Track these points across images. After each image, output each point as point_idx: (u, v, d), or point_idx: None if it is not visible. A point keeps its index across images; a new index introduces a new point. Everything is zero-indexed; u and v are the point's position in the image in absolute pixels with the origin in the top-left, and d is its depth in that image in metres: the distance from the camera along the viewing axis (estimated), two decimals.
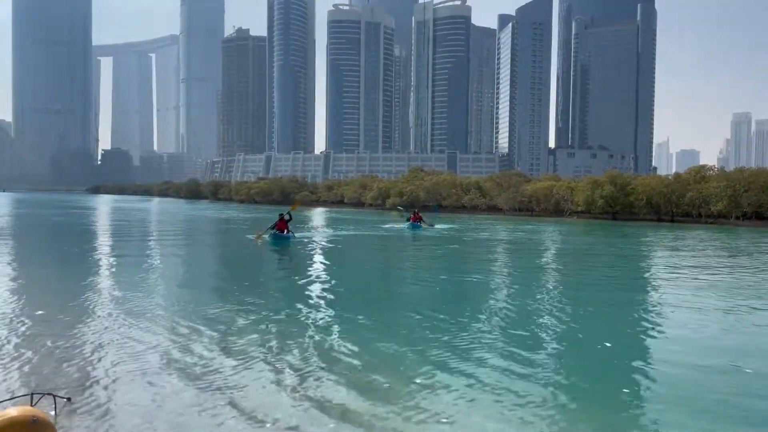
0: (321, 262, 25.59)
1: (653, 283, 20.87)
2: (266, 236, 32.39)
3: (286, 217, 32.92)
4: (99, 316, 13.32)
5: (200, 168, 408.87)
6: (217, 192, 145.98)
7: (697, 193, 61.53)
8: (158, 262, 24.87)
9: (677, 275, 21.98)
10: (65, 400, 7.84)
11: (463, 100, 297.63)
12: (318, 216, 72.66)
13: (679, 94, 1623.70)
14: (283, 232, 32.28)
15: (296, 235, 34.84)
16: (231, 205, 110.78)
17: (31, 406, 6.77)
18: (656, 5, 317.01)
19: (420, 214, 47.61)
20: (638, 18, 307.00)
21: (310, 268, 22.74)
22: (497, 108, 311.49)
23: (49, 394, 7.59)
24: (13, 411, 5.77)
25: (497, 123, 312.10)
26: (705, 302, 16.20)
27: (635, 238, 43.38)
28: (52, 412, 7.35)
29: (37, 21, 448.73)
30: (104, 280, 19.04)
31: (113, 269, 22.00)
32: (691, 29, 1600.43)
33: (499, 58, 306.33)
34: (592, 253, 33.53)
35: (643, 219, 63.72)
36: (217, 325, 12.58)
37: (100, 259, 25.30)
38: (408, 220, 46.48)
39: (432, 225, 46.82)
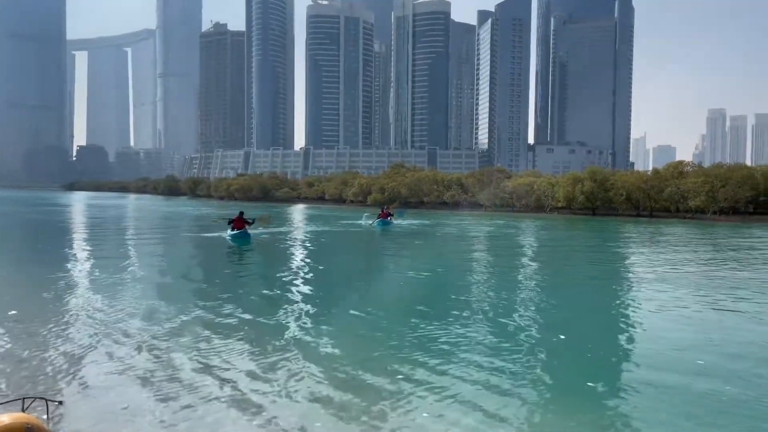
0: (291, 261, 25.46)
1: (628, 279, 21.02)
2: (227, 235, 31.95)
3: (249, 220, 32.57)
4: (84, 317, 13.06)
5: (178, 164, 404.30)
6: (195, 189, 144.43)
7: (676, 189, 62.23)
8: (136, 261, 24.37)
9: (653, 271, 22.14)
10: (57, 403, 7.80)
11: (443, 95, 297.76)
12: (296, 213, 72.09)
13: (656, 91, 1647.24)
14: (238, 229, 31.82)
15: (271, 230, 34.92)
16: (210, 202, 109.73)
17: (24, 410, 6.84)
18: (633, 2, 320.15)
19: (388, 211, 47.82)
20: (616, 15, 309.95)
21: (280, 268, 22.62)
22: (477, 104, 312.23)
23: (41, 398, 7.53)
24: (5, 418, 5.84)
25: (477, 119, 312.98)
26: (679, 297, 16.31)
27: (612, 233, 43.73)
28: (45, 416, 7.29)
29: (10, 15, 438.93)
30: (85, 281, 18.60)
31: (93, 269, 21.48)
32: (667, 27, 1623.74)
33: (478, 54, 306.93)
34: (564, 248, 33.73)
35: (622, 214, 64.31)
36: (202, 324, 12.53)
37: (78, 259, 24.73)
38: (377, 217, 46.72)
39: (400, 219, 47.44)
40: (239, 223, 32.01)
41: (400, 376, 9.26)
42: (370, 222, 46.61)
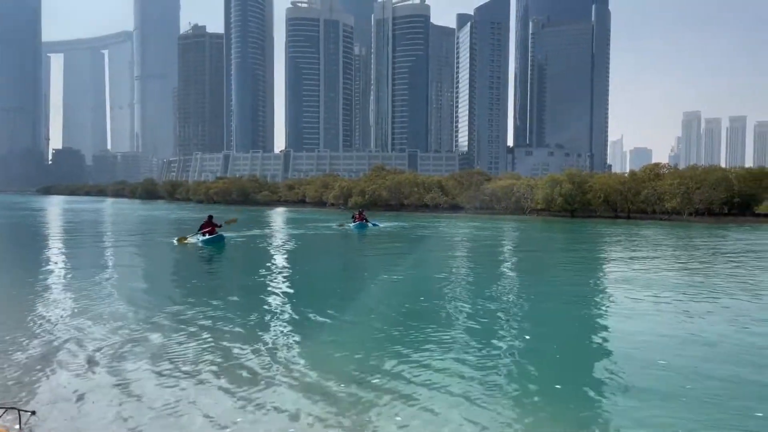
0: (267, 265, 25.24)
1: (597, 281, 21.24)
2: (195, 239, 31.65)
3: (217, 223, 32.39)
4: (58, 325, 12.78)
5: (156, 167, 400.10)
6: (174, 192, 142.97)
7: (652, 191, 63.00)
8: (110, 267, 23.95)
9: (622, 272, 22.38)
10: (30, 413, 7.63)
11: (423, 98, 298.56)
12: (276, 216, 71.69)
13: (632, 94, 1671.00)
14: (209, 234, 31.52)
15: (247, 233, 34.68)
16: (188, 206, 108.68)
17: None
18: (610, 6, 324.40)
19: (364, 214, 47.86)
20: (593, 19, 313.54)
21: (256, 273, 22.49)
22: (457, 107, 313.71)
23: (12, 407, 7.41)
24: None
25: (457, 121, 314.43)
26: (646, 299, 16.49)
27: (588, 234, 44.11)
28: (17, 426, 7.22)
29: None
30: (58, 288, 18.20)
31: (65, 276, 21.07)
32: (642, 30, 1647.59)
33: (458, 57, 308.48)
34: (538, 251, 33.96)
35: (600, 216, 64.91)
36: (177, 332, 12.33)
37: (50, 265, 24.20)
38: (353, 219, 46.78)
39: (376, 225, 47.73)
40: (209, 226, 31.71)
41: (374, 381, 9.24)
42: (348, 225, 46.63)
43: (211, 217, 32.80)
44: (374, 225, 47.05)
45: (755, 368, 10.07)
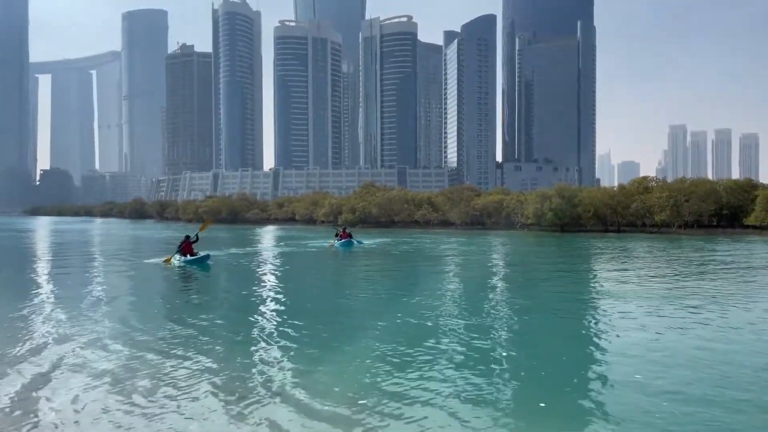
0: (253, 285, 24.95)
1: (583, 297, 21.10)
2: (175, 261, 31.31)
3: (192, 238, 32.16)
4: (38, 350, 12.44)
5: (145, 187, 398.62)
6: (163, 211, 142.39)
7: (641, 204, 63.26)
8: (93, 291, 23.46)
9: (607, 288, 22.25)
10: None
11: (412, 115, 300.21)
12: (265, 234, 71.25)
13: (619, 108, 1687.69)
14: (190, 254, 31.18)
15: (233, 252, 34.27)
16: (177, 225, 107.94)
17: None
18: (595, 22, 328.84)
19: (348, 232, 47.76)
20: (578, 34, 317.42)
21: (243, 293, 22.30)
22: (445, 123, 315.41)
23: None
24: None
25: (446, 138, 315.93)
26: (630, 315, 16.39)
27: (575, 248, 44.07)
28: None
29: None
30: (39, 312, 17.64)
31: (48, 299, 20.56)
32: (627, 46, 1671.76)
33: (445, 74, 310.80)
34: (526, 266, 33.86)
35: (590, 230, 65.04)
36: (162, 357, 12.02)
37: (33, 288, 23.71)
38: (338, 237, 46.59)
39: (361, 243, 47.89)
40: (188, 247, 31.38)
41: (360, 400, 9.10)
42: (333, 243, 46.36)
43: (188, 237, 32.45)
44: (359, 243, 47.37)
45: (738, 386, 9.93)
